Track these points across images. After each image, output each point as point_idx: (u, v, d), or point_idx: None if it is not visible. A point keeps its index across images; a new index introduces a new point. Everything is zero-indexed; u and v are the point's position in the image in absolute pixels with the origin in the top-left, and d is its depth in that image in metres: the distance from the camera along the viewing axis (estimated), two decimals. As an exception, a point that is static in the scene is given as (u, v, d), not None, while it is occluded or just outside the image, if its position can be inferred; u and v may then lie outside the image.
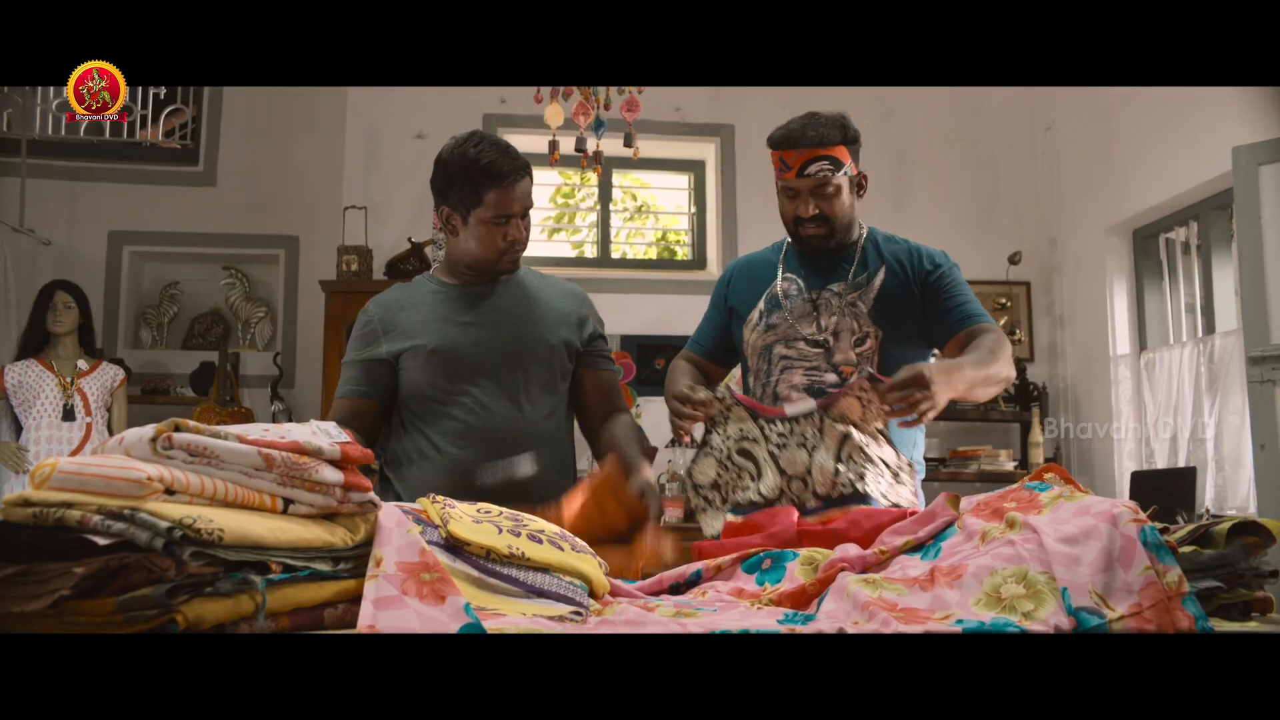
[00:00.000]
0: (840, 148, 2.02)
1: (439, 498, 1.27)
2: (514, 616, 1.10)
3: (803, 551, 1.39)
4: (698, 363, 2.24)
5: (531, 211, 2.03)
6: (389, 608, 1.01)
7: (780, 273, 2.14)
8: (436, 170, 2.01)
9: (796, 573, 1.34)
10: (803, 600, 1.25)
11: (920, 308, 2.08)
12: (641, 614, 1.19)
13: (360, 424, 1.96)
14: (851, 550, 1.34)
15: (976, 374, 1.90)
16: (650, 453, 4.76)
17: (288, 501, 1.07)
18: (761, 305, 2.13)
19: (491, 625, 1.04)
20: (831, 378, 2.02)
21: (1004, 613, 1.06)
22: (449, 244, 2.07)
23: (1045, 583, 1.08)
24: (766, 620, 1.16)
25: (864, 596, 1.14)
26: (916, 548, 1.33)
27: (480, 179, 1.93)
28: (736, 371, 2.29)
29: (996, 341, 1.99)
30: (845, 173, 2.04)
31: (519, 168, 1.96)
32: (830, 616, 1.14)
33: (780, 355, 2.07)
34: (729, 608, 1.25)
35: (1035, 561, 1.11)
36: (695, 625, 1.12)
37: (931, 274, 2.08)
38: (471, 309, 2.04)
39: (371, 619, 0.99)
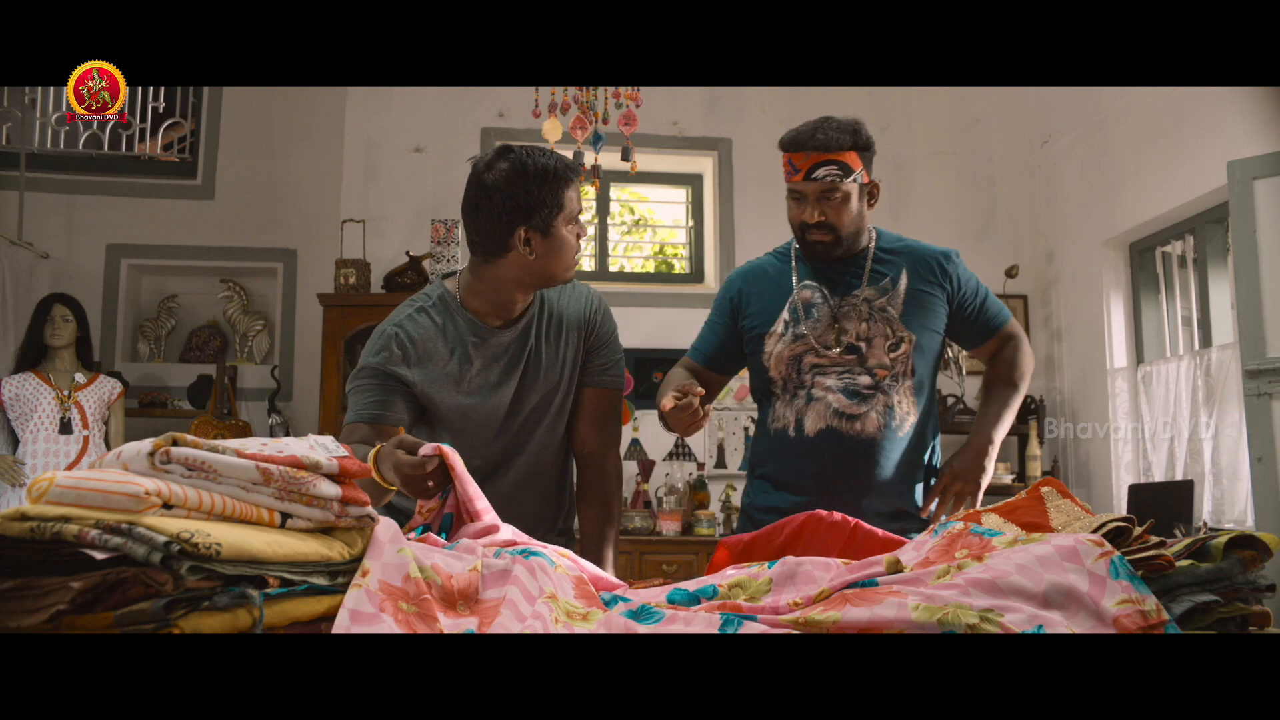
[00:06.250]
0: (851, 153, 1.96)
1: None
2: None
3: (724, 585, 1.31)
4: (696, 370, 2.17)
5: None
6: (364, 624, 0.99)
7: (796, 281, 2.09)
8: (499, 196, 1.79)
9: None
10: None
11: (946, 310, 2.09)
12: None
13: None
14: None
15: (1003, 430, 2.12)
16: (648, 466, 4.76)
17: (285, 516, 1.06)
18: (785, 315, 2.06)
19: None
20: (866, 380, 2.00)
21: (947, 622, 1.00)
22: (502, 267, 1.85)
23: (994, 617, 1.01)
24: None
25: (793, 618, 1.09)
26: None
27: (557, 182, 1.82)
28: (733, 383, 2.28)
29: (1017, 357, 2.17)
30: (855, 179, 1.98)
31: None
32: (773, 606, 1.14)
33: (811, 364, 2.03)
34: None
35: (983, 595, 1.04)
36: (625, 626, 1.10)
37: (952, 277, 2.09)
38: (498, 360, 1.91)
39: (346, 630, 0.98)
